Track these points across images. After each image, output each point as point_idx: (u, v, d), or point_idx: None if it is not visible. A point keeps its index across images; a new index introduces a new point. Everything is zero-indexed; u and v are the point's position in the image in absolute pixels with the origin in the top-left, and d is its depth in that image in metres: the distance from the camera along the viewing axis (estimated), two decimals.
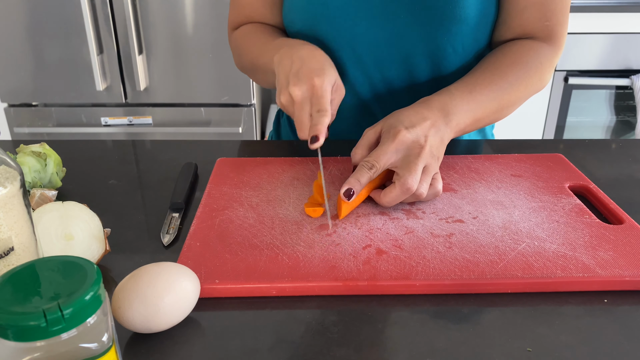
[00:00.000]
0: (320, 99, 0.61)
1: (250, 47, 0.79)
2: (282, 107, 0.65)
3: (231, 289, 0.49)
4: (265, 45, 0.76)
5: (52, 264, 0.34)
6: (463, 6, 0.71)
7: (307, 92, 0.62)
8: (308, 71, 0.62)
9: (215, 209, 0.61)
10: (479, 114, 0.67)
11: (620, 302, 0.49)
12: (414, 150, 0.59)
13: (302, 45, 0.68)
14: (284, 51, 0.68)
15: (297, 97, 0.62)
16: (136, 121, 1.89)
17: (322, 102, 0.61)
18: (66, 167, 0.72)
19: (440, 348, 0.44)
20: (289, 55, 0.66)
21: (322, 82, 0.62)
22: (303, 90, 0.62)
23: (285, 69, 0.65)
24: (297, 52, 0.66)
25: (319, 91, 0.61)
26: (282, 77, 0.65)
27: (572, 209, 0.61)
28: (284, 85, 0.64)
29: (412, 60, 0.76)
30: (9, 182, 0.40)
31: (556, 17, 0.74)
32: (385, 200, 0.59)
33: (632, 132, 2.09)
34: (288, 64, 0.65)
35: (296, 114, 0.62)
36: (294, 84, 0.62)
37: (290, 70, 0.64)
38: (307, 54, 0.66)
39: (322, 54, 0.67)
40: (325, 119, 0.60)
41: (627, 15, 1.89)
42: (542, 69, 0.73)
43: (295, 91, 0.62)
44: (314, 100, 0.61)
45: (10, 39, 1.76)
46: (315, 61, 0.64)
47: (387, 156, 0.59)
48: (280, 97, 0.64)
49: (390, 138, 0.59)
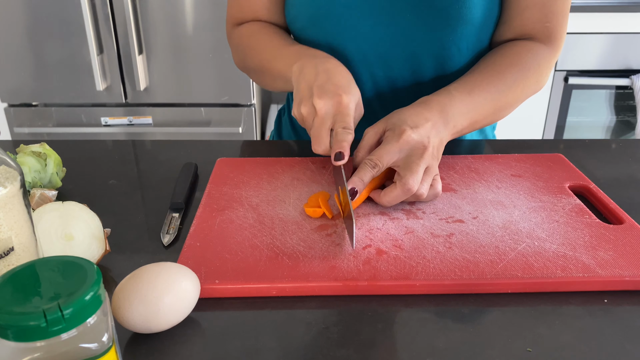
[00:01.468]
0: (346, 117, 0.60)
1: (259, 49, 0.78)
2: (299, 117, 0.64)
3: (231, 289, 0.49)
4: (278, 50, 0.74)
5: (52, 264, 0.34)
6: (469, 7, 0.71)
7: (332, 108, 0.61)
8: (335, 87, 0.61)
9: (215, 209, 0.61)
10: (476, 116, 0.68)
11: (620, 302, 0.49)
12: (417, 150, 0.59)
13: (327, 59, 0.67)
14: (306, 61, 0.67)
15: (320, 110, 0.61)
16: (136, 121, 1.89)
17: (348, 120, 0.60)
18: (66, 167, 0.72)
19: (440, 348, 0.44)
20: (312, 65, 0.65)
21: (349, 100, 0.61)
22: (328, 105, 0.60)
23: (308, 79, 0.63)
24: (322, 65, 0.65)
25: (345, 109, 0.60)
26: (305, 87, 0.63)
27: (572, 209, 0.61)
28: (307, 97, 0.62)
29: (417, 59, 0.76)
30: (9, 182, 0.40)
31: (556, 19, 0.74)
32: (385, 200, 0.59)
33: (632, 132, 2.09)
34: (312, 75, 0.64)
35: (315, 127, 0.61)
36: (319, 96, 0.61)
37: (315, 82, 0.63)
38: (333, 68, 0.65)
39: (346, 70, 0.66)
40: (350, 137, 0.59)
41: (627, 15, 1.90)
42: (540, 71, 0.74)
43: (320, 104, 0.60)
44: (339, 117, 0.60)
45: (10, 39, 1.76)
46: (341, 77, 0.63)
47: (390, 155, 0.59)
48: (301, 107, 0.62)
49: (395, 137, 0.59)
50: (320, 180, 0.68)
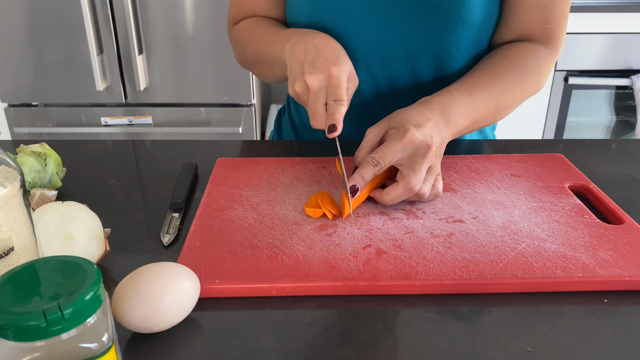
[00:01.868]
0: (337, 89, 0.60)
1: (255, 39, 0.78)
2: (295, 95, 0.64)
3: (231, 289, 0.49)
4: (272, 36, 0.75)
5: (52, 264, 0.34)
6: (469, 7, 0.71)
7: (324, 82, 0.61)
8: (324, 60, 0.62)
9: (215, 209, 0.61)
10: (476, 117, 0.68)
11: (620, 302, 0.49)
12: (421, 150, 0.59)
13: (315, 34, 0.67)
14: (297, 39, 0.67)
15: (313, 85, 0.61)
16: (136, 121, 1.89)
17: (339, 92, 0.60)
18: (66, 167, 0.72)
19: (440, 348, 0.44)
20: (302, 43, 0.65)
21: (338, 71, 0.61)
22: (319, 79, 0.61)
23: (299, 57, 0.64)
24: (311, 41, 0.65)
25: (335, 81, 0.61)
26: (296, 65, 0.64)
27: (572, 209, 0.61)
28: (299, 74, 0.63)
29: (417, 59, 0.76)
30: (9, 182, 0.40)
31: (556, 20, 0.74)
32: (387, 199, 0.59)
33: (632, 132, 2.09)
34: (302, 53, 0.64)
35: (310, 103, 0.62)
36: (309, 72, 0.61)
37: (305, 58, 0.63)
38: (321, 42, 0.65)
39: (336, 42, 0.66)
40: (342, 108, 0.59)
41: (627, 15, 1.90)
42: (540, 72, 0.74)
43: (311, 80, 0.61)
44: (331, 89, 0.61)
45: (10, 39, 1.76)
46: (330, 50, 0.64)
47: (393, 154, 0.59)
48: (295, 85, 0.63)
49: (398, 136, 0.59)
50: (320, 180, 0.68)
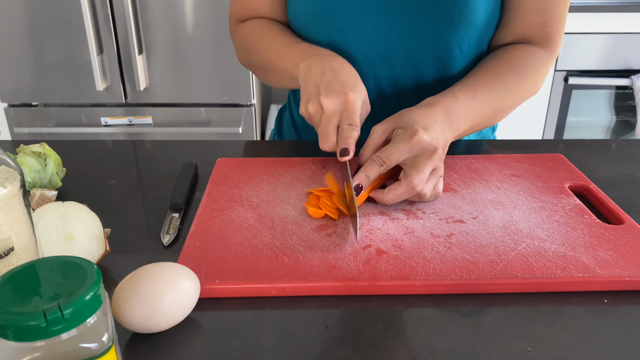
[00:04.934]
0: (352, 114, 0.61)
1: (264, 46, 0.78)
2: (307, 115, 0.65)
3: (231, 289, 0.49)
4: (284, 48, 0.75)
5: (52, 264, 0.34)
6: (472, 8, 0.71)
7: (339, 106, 0.62)
8: (341, 85, 0.62)
9: (215, 209, 0.61)
10: (478, 119, 0.68)
11: (620, 302, 0.49)
12: (427, 152, 0.59)
13: (333, 57, 0.68)
14: (313, 60, 0.67)
15: (327, 108, 0.62)
16: (136, 121, 1.89)
17: (354, 118, 0.61)
18: (66, 167, 0.72)
19: (440, 348, 0.44)
20: (319, 65, 0.66)
21: (355, 97, 0.62)
22: (335, 103, 0.62)
23: (315, 78, 0.65)
24: (328, 63, 0.66)
25: (351, 106, 0.61)
26: (312, 86, 0.64)
27: (572, 209, 0.61)
28: (314, 95, 0.63)
29: (419, 58, 0.76)
30: (9, 182, 0.40)
31: (555, 24, 0.75)
32: (389, 197, 0.59)
33: (632, 132, 2.09)
34: (318, 74, 0.65)
35: (322, 125, 0.62)
36: (325, 95, 0.62)
37: (322, 81, 0.64)
38: (338, 66, 0.66)
39: (352, 68, 0.67)
40: (356, 134, 0.60)
41: (627, 15, 1.90)
42: (538, 75, 0.75)
43: (327, 102, 0.61)
44: (345, 114, 0.61)
45: (10, 39, 1.76)
46: (347, 75, 0.64)
47: (399, 154, 0.59)
48: (308, 106, 0.63)
49: (406, 137, 0.59)
50: (320, 180, 0.68)
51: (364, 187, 0.58)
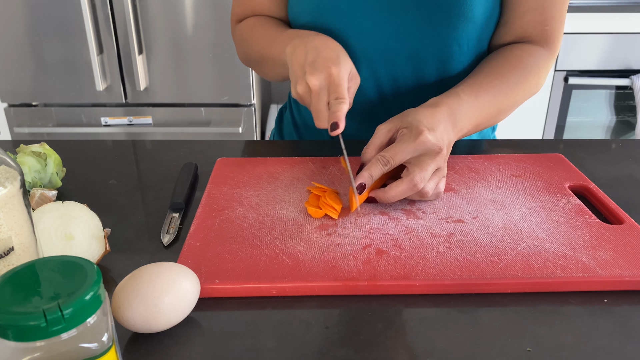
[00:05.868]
0: (338, 87, 0.61)
1: (258, 39, 0.79)
2: (298, 97, 0.65)
3: (231, 289, 0.49)
4: (274, 37, 0.76)
5: (52, 264, 0.34)
6: (470, 5, 0.71)
7: (325, 82, 0.62)
8: (324, 60, 0.63)
9: (215, 209, 0.61)
10: (480, 119, 0.68)
11: (620, 302, 0.49)
12: (432, 152, 0.59)
13: (315, 36, 0.68)
14: (297, 42, 0.68)
15: (314, 86, 0.62)
16: (136, 121, 1.89)
17: (340, 90, 0.61)
18: (66, 167, 0.72)
19: (440, 348, 0.44)
20: (302, 45, 0.67)
21: (338, 70, 0.62)
22: (320, 79, 0.62)
23: (299, 59, 0.65)
24: (310, 42, 0.66)
25: (336, 80, 0.62)
26: (297, 67, 0.65)
27: (572, 209, 0.61)
28: (300, 76, 0.64)
29: (419, 57, 0.76)
30: (9, 182, 0.40)
31: (555, 22, 0.75)
32: (390, 195, 0.59)
33: (632, 132, 2.09)
34: (302, 55, 0.65)
35: (313, 104, 0.63)
36: (310, 73, 0.62)
37: (306, 60, 0.64)
38: (321, 43, 0.66)
39: (335, 43, 0.67)
40: (343, 106, 0.60)
41: (627, 15, 1.89)
42: (539, 74, 0.75)
43: (313, 80, 0.62)
44: (332, 88, 0.62)
45: (10, 39, 1.76)
46: (329, 50, 0.65)
47: (404, 154, 0.59)
48: (297, 87, 0.64)
49: (412, 137, 0.59)
50: (320, 180, 0.68)
51: (367, 186, 0.58)
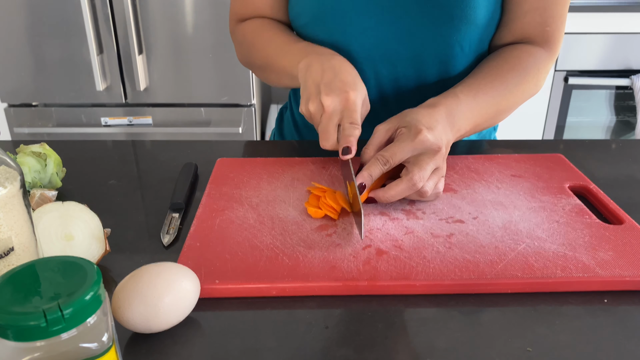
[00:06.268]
0: (353, 113, 0.62)
1: (263, 45, 0.79)
2: (307, 114, 0.65)
3: (231, 289, 0.49)
4: (284, 47, 0.75)
5: (52, 264, 0.34)
6: (473, 7, 0.71)
7: (339, 105, 0.62)
8: (341, 84, 0.63)
9: (215, 209, 0.61)
10: (479, 120, 0.68)
11: (620, 302, 0.49)
12: (431, 151, 0.59)
13: (332, 56, 0.68)
14: (312, 59, 0.68)
15: (328, 107, 0.62)
16: (136, 121, 1.89)
17: (355, 116, 0.61)
18: (66, 167, 0.72)
19: (440, 348, 0.44)
20: (319, 63, 0.66)
21: (355, 96, 0.62)
22: (335, 101, 0.62)
23: (315, 77, 0.65)
24: (328, 62, 0.66)
25: (352, 105, 0.62)
26: (312, 85, 0.65)
27: (572, 209, 0.61)
28: (314, 94, 0.64)
29: (421, 58, 0.76)
30: (9, 182, 0.40)
31: (555, 23, 0.75)
32: (390, 194, 0.59)
33: (632, 132, 2.09)
34: (318, 73, 0.65)
35: (323, 124, 0.62)
36: (326, 94, 0.62)
37: (322, 79, 0.64)
38: (338, 65, 0.66)
39: (351, 66, 0.67)
40: (357, 132, 0.60)
41: (627, 15, 1.89)
42: (539, 75, 0.75)
43: (327, 101, 0.62)
44: (347, 113, 0.62)
45: (10, 39, 1.76)
46: (347, 74, 0.65)
47: (403, 153, 0.59)
48: (309, 104, 0.64)
49: (410, 136, 0.59)
50: (320, 180, 0.68)
51: (367, 186, 0.58)
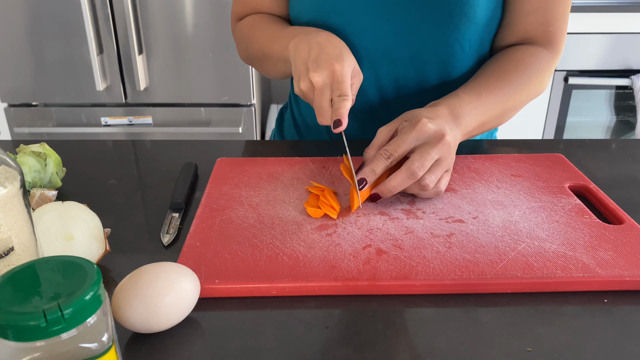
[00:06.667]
0: (341, 84, 0.61)
1: (259, 36, 0.79)
2: (300, 93, 0.65)
3: (231, 289, 0.49)
4: (276, 34, 0.76)
5: (52, 264, 0.34)
6: (473, 5, 0.71)
7: (328, 78, 0.62)
8: (327, 57, 0.63)
9: (215, 209, 0.61)
10: (484, 118, 0.68)
11: (620, 302, 0.49)
12: (434, 139, 0.59)
13: (318, 32, 0.68)
14: (300, 38, 0.68)
15: (317, 83, 0.62)
16: (136, 121, 1.89)
17: (343, 87, 0.61)
18: (66, 167, 0.72)
19: (440, 348, 0.44)
20: (305, 42, 0.66)
21: (342, 67, 0.62)
22: (323, 76, 0.62)
23: (302, 56, 0.65)
24: (313, 39, 0.66)
25: (339, 76, 0.62)
26: (300, 64, 0.65)
27: (572, 209, 0.61)
28: (303, 72, 0.64)
29: (421, 57, 0.76)
30: (9, 182, 0.40)
31: (558, 23, 0.75)
32: (390, 185, 0.59)
33: (632, 132, 2.09)
34: (305, 51, 0.65)
35: (316, 100, 0.62)
36: (313, 70, 0.62)
37: (309, 57, 0.64)
38: (324, 40, 0.66)
39: (338, 39, 0.67)
40: (347, 103, 0.60)
41: (627, 15, 1.89)
42: (543, 75, 0.75)
43: (316, 77, 0.62)
44: (335, 85, 0.61)
45: (10, 39, 1.76)
46: (333, 47, 0.65)
47: (407, 144, 0.59)
48: (300, 83, 0.64)
49: (411, 127, 0.59)
50: (320, 180, 0.68)
51: (369, 182, 0.58)
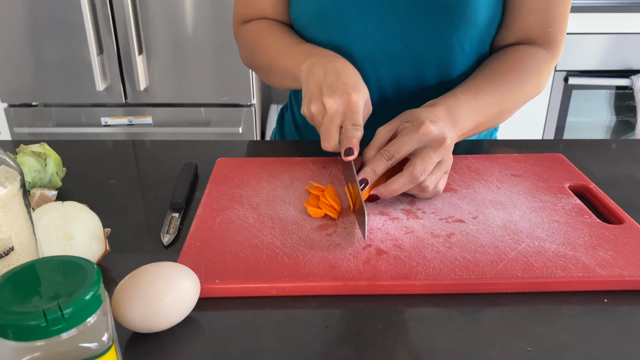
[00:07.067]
0: (355, 114, 0.61)
1: (267, 47, 0.79)
2: (309, 115, 0.65)
3: (231, 289, 0.49)
4: (287, 48, 0.75)
5: (52, 264, 0.34)
6: (474, 7, 0.71)
7: (342, 106, 0.62)
8: (344, 86, 0.63)
9: (215, 209, 0.61)
10: (481, 119, 0.68)
11: (620, 302, 0.49)
12: (435, 142, 0.59)
13: (336, 58, 0.68)
14: (315, 60, 0.68)
15: (330, 109, 0.62)
16: (136, 121, 1.89)
17: (357, 118, 0.61)
18: (66, 167, 0.72)
19: (440, 348, 0.44)
20: (321, 65, 0.67)
21: (358, 98, 0.62)
22: (338, 103, 0.62)
23: (317, 79, 0.65)
24: (330, 64, 0.66)
25: (354, 107, 0.62)
26: (314, 87, 0.65)
27: (572, 209, 0.61)
28: (316, 96, 0.64)
29: (422, 58, 0.76)
30: (9, 182, 0.40)
31: (557, 24, 0.75)
32: (391, 188, 0.59)
33: (632, 132, 2.09)
34: (321, 74, 0.65)
35: (325, 125, 0.62)
36: (328, 95, 0.62)
37: (324, 81, 0.64)
38: (341, 67, 0.66)
39: (354, 69, 0.67)
40: (359, 134, 0.60)
41: (627, 15, 1.90)
42: (541, 76, 0.75)
43: (330, 102, 0.62)
44: (349, 114, 0.61)
45: (10, 39, 1.76)
46: (349, 76, 0.65)
47: (408, 146, 0.59)
48: (311, 105, 0.64)
49: (414, 129, 0.59)
50: (320, 180, 0.68)
51: (370, 182, 0.58)
